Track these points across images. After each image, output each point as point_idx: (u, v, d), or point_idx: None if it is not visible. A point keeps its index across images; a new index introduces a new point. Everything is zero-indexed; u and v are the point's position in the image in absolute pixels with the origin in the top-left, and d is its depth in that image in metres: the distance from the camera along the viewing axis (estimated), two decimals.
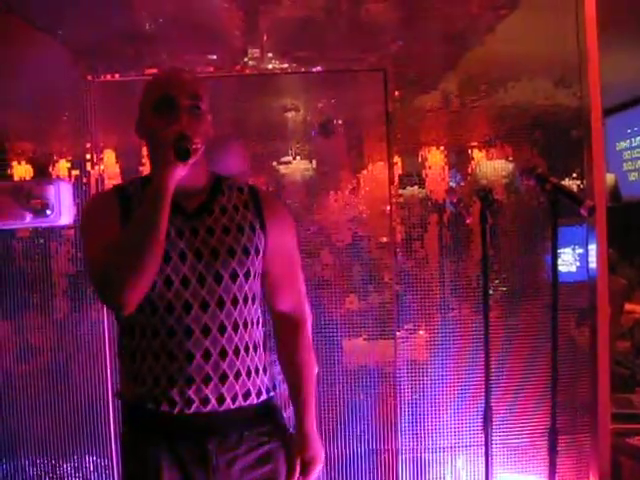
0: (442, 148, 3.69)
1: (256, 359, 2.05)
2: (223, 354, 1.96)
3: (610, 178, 6.51)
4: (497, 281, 3.54)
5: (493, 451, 2.90)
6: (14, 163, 3.58)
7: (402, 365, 3.53)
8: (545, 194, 2.69)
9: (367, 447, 3.56)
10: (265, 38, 3.60)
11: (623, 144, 7.04)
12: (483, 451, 2.86)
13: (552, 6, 3.49)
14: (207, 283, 1.96)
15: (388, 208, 3.60)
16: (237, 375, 1.98)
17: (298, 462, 2.13)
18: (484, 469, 2.87)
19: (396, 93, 3.54)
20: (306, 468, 2.14)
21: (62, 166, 3.56)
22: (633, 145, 6.93)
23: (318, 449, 2.17)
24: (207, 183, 2.08)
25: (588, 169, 3.45)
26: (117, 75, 3.51)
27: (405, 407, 3.54)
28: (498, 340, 3.30)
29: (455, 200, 3.64)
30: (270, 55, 3.61)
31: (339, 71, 3.61)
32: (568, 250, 3.75)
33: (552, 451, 2.74)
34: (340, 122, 3.72)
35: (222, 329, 1.96)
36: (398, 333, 3.55)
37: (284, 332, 2.21)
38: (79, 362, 3.54)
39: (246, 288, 2.01)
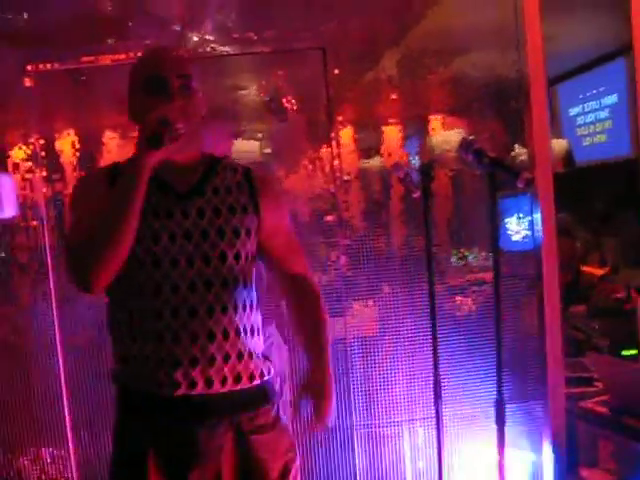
0: (390, 124, 3.69)
1: (250, 343, 2.02)
2: (211, 336, 1.94)
3: (563, 143, 6.56)
4: (445, 254, 3.57)
5: (445, 423, 2.93)
6: None
7: (353, 341, 3.55)
8: (483, 168, 2.71)
9: None
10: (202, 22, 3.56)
11: (576, 109, 7.07)
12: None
13: None
14: (196, 265, 1.94)
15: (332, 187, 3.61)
16: (226, 358, 1.96)
17: (324, 405, 2.09)
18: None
19: (336, 71, 3.52)
20: (325, 411, 2.09)
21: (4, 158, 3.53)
22: (586, 110, 6.96)
23: (333, 392, 2.15)
24: (201, 163, 2.06)
25: (529, 139, 3.48)
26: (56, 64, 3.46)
27: (357, 383, 3.56)
28: (445, 312, 3.34)
29: (402, 175, 3.64)
30: (211, 37, 3.57)
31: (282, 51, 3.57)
32: (513, 219, 3.79)
33: (500, 421, 2.77)
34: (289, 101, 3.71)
35: (210, 311, 1.95)
36: (347, 310, 3.56)
37: (300, 294, 2.20)
38: (32, 354, 3.52)
39: (236, 270, 1.99)
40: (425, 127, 3.85)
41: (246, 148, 3.68)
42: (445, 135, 3.82)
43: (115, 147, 3.53)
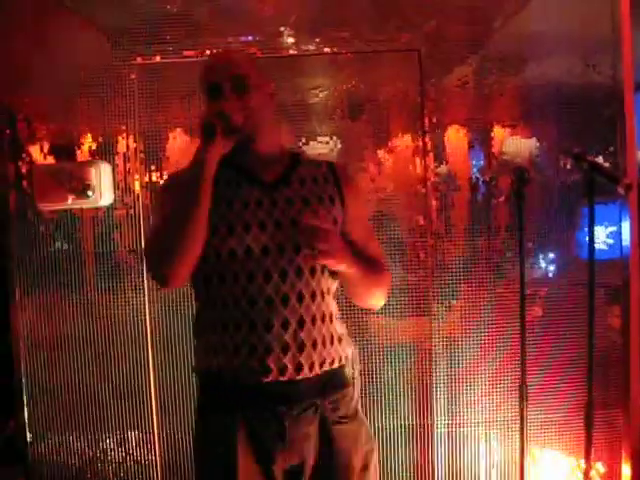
0: (473, 127, 3.70)
1: (331, 328, 2.09)
2: (301, 323, 2.01)
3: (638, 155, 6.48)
4: (531, 258, 3.56)
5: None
6: (55, 146, 3.63)
7: (438, 341, 3.57)
8: (582, 173, 2.71)
9: (403, 422, 3.61)
10: (296, 19, 3.61)
11: None
12: (517, 426, 2.90)
13: None
14: (286, 253, 2.00)
15: (423, 188, 3.64)
16: (314, 344, 2.03)
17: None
18: (519, 445, 2.91)
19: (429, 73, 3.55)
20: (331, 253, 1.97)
21: (103, 148, 3.62)
22: None
23: (344, 252, 2.01)
24: (283, 154, 2.15)
25: (621, 147, 3.46)
26: (158, 57, 3.55)
27: (441, 383, 3.58)
28: (533, 316, 3.35)
29: (488, 178, 3.66)
30: (298, 37, 3.62)
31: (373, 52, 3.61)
32: (599, 228, 3.77)
33: (588, 426, 2.77)
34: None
35: (300, 298, 2.01)
36: (434, 310, 3.59)
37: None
38: (122, 341, 3.61)
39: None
40: (506, 132, 3.84)
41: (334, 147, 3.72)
42: (526, 141, 3.81)
43: None
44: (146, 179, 3.61)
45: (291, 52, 3.60)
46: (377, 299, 2.23)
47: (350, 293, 2.19)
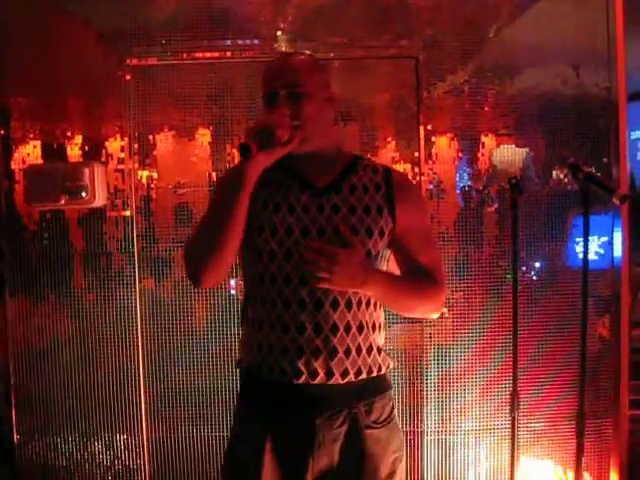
0: (467, 135, 3.71)
1: (371, 338, 2.08)
2: (334, 330, 2.01)
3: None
4: (523, 267, 3.58)
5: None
6: (49, 146, 3.61)
7: (429, 348, 3.58)
8: (577, 183, 2.72)
9: None
10: (293, 24, 3.62)
11: (639, 133, 7.05)
12: (507, 434, 2.91)
13: None
14: None
15: None
16: (347, 352, 2.02)
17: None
18: (509, 453, 2.92)
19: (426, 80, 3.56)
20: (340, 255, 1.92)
21: (97, 148, 3.60)
22: None
23: (362, 271, 1.96)
24: (339, 160, 2.14)
25: (615, 158, 3.49)
26: (153, 59, 3.54)
27: (431, 390, 3.58)
28: (524, 325, 3.35)
29: (481, 187, 3.67)
30: (294, 41, 3.62)
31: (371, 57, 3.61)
32: (590, 238, 3.78)
33: (580, 435, 2.77)
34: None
35: (334, 305, 2.01)
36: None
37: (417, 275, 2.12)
38: (112, 342, 3.59)
39: None
40: (498, 141, 3.85)
41: None
42: (519, 151, 3.81)
43: (207, 143, 3.59)
44: (140, 180, 3.59)
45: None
46: (422, 313, 2.21)
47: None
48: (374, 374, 2.10)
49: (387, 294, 2.03)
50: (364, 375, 2.06)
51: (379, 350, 2.12)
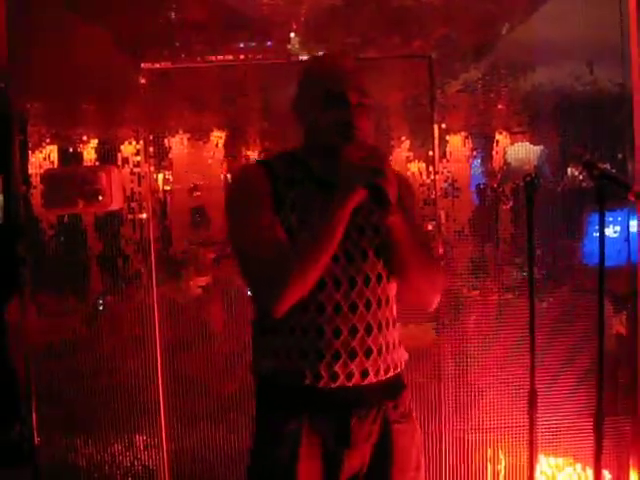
0: (482, 133, 3.71)
1: (394, 334, 2.10)
2: (368, 330, 2.00)
3: None
4: (538, 264, 3.57)
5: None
6: (66, 151, 3.65)
7: (447, 347, 3.58)
8: (592, 180, 2.71)
9: None
10: (306, 25, 3.63)
11: None
12: (526, 432, 2.90)
13: None
14: (355, 261, 2.00)
15: (432, 194, 3.65)
16: (380, 350, 2.03)
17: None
18: (527, 452, 2.91)
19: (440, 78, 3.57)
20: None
21: (113, 152, 3.63)
22: None
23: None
24: None
25: (630, 154, 3.47)
26: (168, 63, 3.57)
27: (449, 388, 3.59)
28: (540, 323, 3.34)
29: (496, 185, 3.67)
30: (307, 42, 3.64)
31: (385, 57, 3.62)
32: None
33: (598, 433, 2.76)
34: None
35: (368, 305, 2.01)
36: (443, 315, 3.59)
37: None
38: (131, 345, 3.62)
39: (385, 266, 2.05)
40: (513, 139, 3.84)
41: None
42: (533, 148, 3.81)
43: (221, 145, 3.61)
44: (156, 183, 3.62)
45: (301, 58, 3.60)
46: (432, 289, 2.15)
47: (404, 290, 2.13)
48: (399, 369, 2.12)
49: (405, 227, 1.97)
50: (391, 372, 2.08)
51: (400, 344, 2.14)
